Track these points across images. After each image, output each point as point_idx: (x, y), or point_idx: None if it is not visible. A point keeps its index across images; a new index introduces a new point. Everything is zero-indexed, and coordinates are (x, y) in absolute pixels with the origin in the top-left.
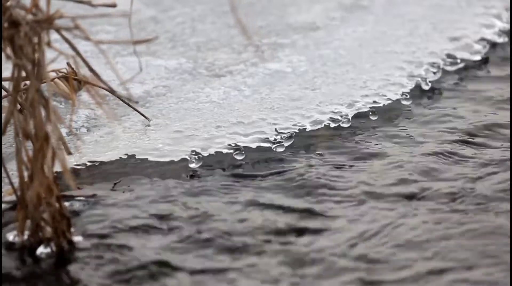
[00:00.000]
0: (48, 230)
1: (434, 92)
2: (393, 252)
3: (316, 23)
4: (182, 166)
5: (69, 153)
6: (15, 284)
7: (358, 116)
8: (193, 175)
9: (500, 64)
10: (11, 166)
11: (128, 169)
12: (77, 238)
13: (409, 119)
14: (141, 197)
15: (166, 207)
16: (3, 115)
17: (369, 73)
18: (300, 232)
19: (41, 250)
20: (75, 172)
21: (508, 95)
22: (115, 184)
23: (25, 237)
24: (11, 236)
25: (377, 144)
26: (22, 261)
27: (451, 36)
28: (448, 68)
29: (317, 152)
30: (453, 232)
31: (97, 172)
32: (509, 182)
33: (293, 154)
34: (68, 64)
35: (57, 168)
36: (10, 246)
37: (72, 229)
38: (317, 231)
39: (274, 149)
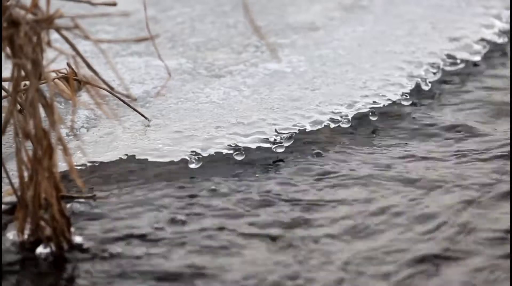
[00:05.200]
0: (48, 230)
1: (433, 93)
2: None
3: (316, 23)
4: (182, 167)
5: (69, 154)
6: (14, 284)
7: (357, 116)
8: (193, 175)
9: (500, 64)
10: (11, 166)
11: (127, 169)
12: (77, 238)
13: (409, 119)
14: (141, 198)
15: (166, 208)
16: (3, 115)
17: (369, 73)
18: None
19: (40, 249)
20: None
21: (508, 95)
22: (114, 184)
23: (25, 236)
24: (11, 236)
25: (376, 145)
26: (21, 260)
27: (450, 36)
28: (448, 68)
29: (316, 152)
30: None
31: (96, 172)
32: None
33: (293, 154)
34: (68, 64)
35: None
36: (10, 245)
37: (72, 229)
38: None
39: (274, 150)
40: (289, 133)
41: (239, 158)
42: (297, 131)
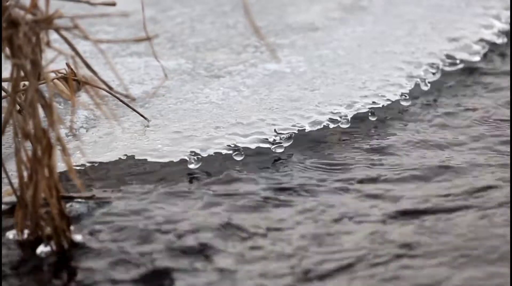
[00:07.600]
0: (48, 229)
1: (433, 93)
2: None
3: (315, 23)
4: (181, 167)
5: (68, 154)
6: (15, 283)
7: (357, 116)
8: (193, 175)
9: (500, 65)
10: (11, 166)
11: (127, 169)
12: (77, 237)
13: (408, 120)
14: (140, 198)
15: (165, 208)
16: (3, 115)
17: (368, 74)
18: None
19: (41, 249)
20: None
21: (508, 95)
22: (113, 184)
23: (25, 236)
24: (11, 235)
25: (375, 145)
26: (22, 260)
27: (450, 36)
28: (447, 68)
29: (315, 152)
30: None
31: (96, 172)
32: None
33: (292, 155)
34: (67, 64)
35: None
36: (10, 245)
37: (72, 228)
38: None
39: (273, 150)
40: (288, 133)
41: (238, 158)
42: (296, 132)
